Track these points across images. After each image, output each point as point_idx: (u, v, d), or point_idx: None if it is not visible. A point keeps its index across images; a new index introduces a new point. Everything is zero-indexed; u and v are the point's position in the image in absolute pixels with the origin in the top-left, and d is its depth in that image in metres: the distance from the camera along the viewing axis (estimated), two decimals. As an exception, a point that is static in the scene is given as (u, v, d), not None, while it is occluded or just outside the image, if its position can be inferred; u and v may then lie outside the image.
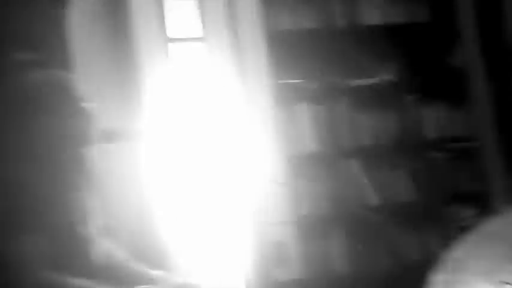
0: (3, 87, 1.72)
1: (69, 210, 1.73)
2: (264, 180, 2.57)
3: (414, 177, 3.33)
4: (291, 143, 3.06)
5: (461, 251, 1.47)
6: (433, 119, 3.40)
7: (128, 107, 2.43)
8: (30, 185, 1.67)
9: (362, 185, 3.21)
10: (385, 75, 3.36)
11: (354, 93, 3.25)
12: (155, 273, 1.94)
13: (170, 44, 2.57)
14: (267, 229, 2.65)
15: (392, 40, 3.27)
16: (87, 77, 1.94)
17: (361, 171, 3.20)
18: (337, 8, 3.24)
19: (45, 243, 1.65)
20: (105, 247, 1.95)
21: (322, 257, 3.04)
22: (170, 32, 2.57)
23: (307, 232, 2.95)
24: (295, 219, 2.85)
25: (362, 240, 3.15)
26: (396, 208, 3.24)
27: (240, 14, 2.80)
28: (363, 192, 3.21)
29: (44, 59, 2.03)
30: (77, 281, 1.68)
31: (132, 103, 2.43)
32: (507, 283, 1.35)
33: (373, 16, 3.30)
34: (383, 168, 3.33)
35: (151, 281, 1.89)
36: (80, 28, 2.31)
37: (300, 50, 3.03)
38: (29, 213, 1.64)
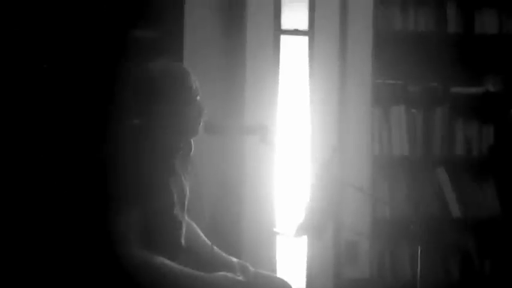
0: (126, 73, 1.80)
1: (167, 194, 1.82)
2: (348, 180, 2.57)
3: (501, 193, 3.22)
4: (383, 144, 3.03)
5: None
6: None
7: (232, 101, 2.46)
8: (137, 167, 1.75)
9: (446, 195, 3.14)
10: (489, 86, 3.23)
11: (453, 101, 3.15)
12: (235, 260, 2.02)
13: (282, 36, 2.55)
14: (343, 228, 2.66)
15: (504, 51, 3.13)
16: (197, 67, 1.98)
17: (447, 181, 3.13)
18: (451, 13, 3.13)
19: (142, 222, 1.73)
20: (193, 231, 2.04)
21: (391, 260, 3.03)
22: (284, 24, 2.55)
23: (381, 235, 2.95)
24: (371, 221, 2.85)
25: (434, 248, 3.10)
26: (476, 223, 3.16)
27: (352, 10, 2.75)
28: (446, 202, 3.14)
29: (160, 38, 2.08)
30: (165, 260, 1.77)
31: (236, 98, 2.46)
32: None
33: (489, 24, 3.16)
34: (471, 181, 3.24)
35: (230, 268, 1.97)
36: (194, 12, 2.34)
37: (407, 52, 2.96)
38: (131, 192, 1.73)
